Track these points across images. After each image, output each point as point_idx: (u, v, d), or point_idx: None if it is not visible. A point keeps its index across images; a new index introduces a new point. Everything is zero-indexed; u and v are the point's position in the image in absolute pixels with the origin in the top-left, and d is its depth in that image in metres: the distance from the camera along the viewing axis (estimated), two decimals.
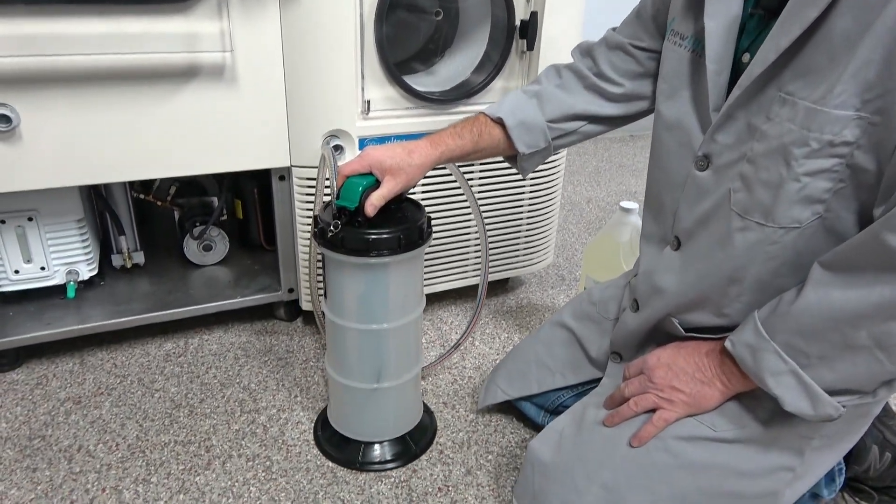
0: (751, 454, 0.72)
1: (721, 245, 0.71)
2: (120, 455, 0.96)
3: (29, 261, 1.13)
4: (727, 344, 0.70)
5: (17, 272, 1.13)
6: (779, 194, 0.64)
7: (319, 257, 1.17)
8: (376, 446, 0.97)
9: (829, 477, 0.83)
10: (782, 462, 0.72)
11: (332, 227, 0.82)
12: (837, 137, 0.60)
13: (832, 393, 0.64)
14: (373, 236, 0.81)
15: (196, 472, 0.93)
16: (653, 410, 0.76)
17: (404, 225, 0.84)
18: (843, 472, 0.85)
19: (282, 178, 1.15)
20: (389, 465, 0.95)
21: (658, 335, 0.83)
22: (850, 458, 0.84)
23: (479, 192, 1.26)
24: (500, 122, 0.89)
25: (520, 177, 1.27)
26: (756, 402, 0.72)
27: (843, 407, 0.64)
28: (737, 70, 0.69)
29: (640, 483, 0.73)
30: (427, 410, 1.06)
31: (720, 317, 0.74)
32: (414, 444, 0.99)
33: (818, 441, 0.72)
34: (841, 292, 0.61)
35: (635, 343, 0.86)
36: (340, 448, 0.97)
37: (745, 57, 0.68)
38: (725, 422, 0.72)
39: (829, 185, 0.62)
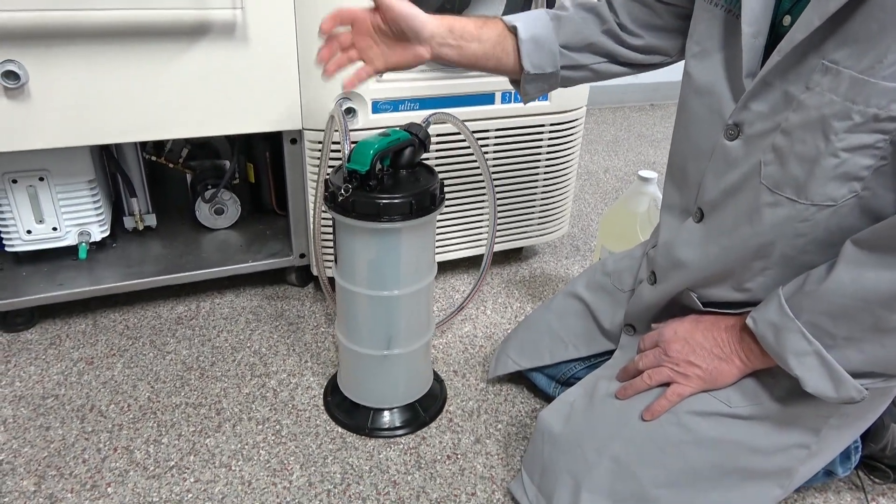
0: (765, 431, 0.70)
1: (748, 220, 0.68)
2: (131, 416, 0.97)
3: (41, 221, 1.13)
4: (748, 321, 0.68)
5: (29, 232, 1.13)
6: (814, 170, 0.61)
7: (326, 221, 1.15)
8: (385, 413, 0.97)
9: (845, 454, 0.82)
10: (798, 439, 0.71)
11: (342, 191, 0.80)
12: (884, 111, 0.56)
13: (856, 375, 0.62)
14: (384, 201, 0.80)
15: (206, 434, 0.94)
16: (667, 384, 0.74)
17: (416, 190, 0.82)
18: (860, 449, 0.83)
19: (293, 141, 1.13)
20: (398, 432, 0.95)
21: (674, 308, 0.81)
22: (866, 436, 0.83)
23: (494, 158, 1.23)
24: (513, 32, 0.83)
25: (537, 144, 1.25)
26: (774, 379, 0.70)
27: (867, 390, 0.62)
28: (775, 33, 0.65)
29: (651, 457, 0.72)
30: (437, 378, 1.06)
31: (741, 291, 0.72)
32: (423, 411, 0.98)
33: (836, 420, 0.70)
34: (875, 273, 0.58)
35: (650, 316, 0.85)
36: (350, 414, 0.97)
37: (786, 20, 0.63)
38: (741, 398, 0.71)
39: (870, 163, 0.59)
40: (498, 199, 1.28)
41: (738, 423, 0.71)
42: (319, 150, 1.10)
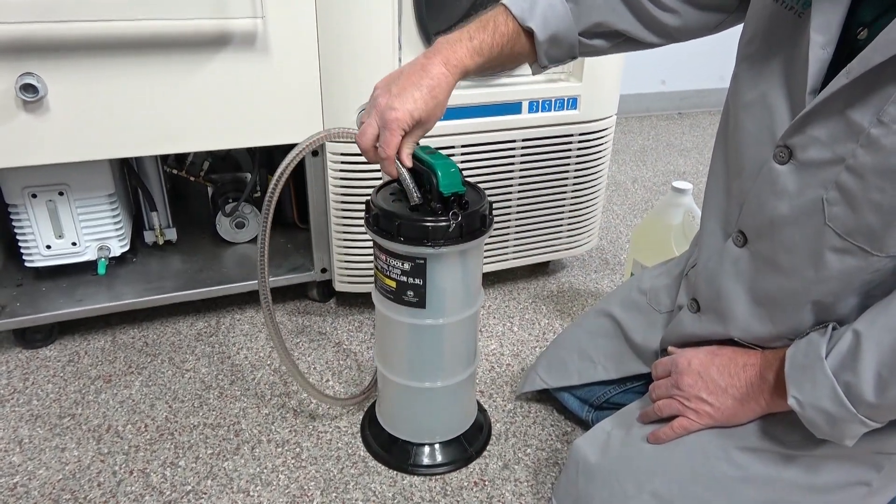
0: (822, 469, 0.65)
1: (812, 263, 0.61)
2: (148, 437, 0.94)
3: (60, 236, 1.12)
4: (791, 402, 0.60)
5: (48, 247, 1.12)
6: (892, 221, 0.54)
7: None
8: (426, 448, 0.91)
9: None
10: (857, 477, 0.65)
11: (451, 218, 0.74)
12: None
13: None
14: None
15: (225, 456, 0.91)
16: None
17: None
18: None
19: (315, 153, 1.10)
20: (440, 470, 0.89)
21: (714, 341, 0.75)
22: None
23: (521, 169, 1.19)
24: (528, 31, 0.74)
25: (565, 154, 1.20)
26: None
27: None
28: (847, 46, 0.56)
29: (696, 493, 0.67)
30: (481, 409, 1.00)
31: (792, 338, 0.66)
32: (468, 445, 0.92)
33: None
34: None
35: (690, 345, 0.79)
36: (387, 448, 0.91)
37: (863, 33, 0.55)
38: (798, 436, 0.65)
39: None
40: (525, 211, 1.24)
41: (792, 460, 0.65)
42: (343, 163, 1.06)
